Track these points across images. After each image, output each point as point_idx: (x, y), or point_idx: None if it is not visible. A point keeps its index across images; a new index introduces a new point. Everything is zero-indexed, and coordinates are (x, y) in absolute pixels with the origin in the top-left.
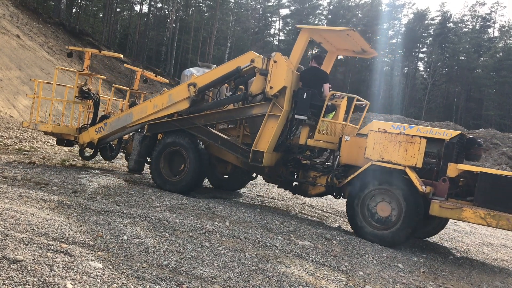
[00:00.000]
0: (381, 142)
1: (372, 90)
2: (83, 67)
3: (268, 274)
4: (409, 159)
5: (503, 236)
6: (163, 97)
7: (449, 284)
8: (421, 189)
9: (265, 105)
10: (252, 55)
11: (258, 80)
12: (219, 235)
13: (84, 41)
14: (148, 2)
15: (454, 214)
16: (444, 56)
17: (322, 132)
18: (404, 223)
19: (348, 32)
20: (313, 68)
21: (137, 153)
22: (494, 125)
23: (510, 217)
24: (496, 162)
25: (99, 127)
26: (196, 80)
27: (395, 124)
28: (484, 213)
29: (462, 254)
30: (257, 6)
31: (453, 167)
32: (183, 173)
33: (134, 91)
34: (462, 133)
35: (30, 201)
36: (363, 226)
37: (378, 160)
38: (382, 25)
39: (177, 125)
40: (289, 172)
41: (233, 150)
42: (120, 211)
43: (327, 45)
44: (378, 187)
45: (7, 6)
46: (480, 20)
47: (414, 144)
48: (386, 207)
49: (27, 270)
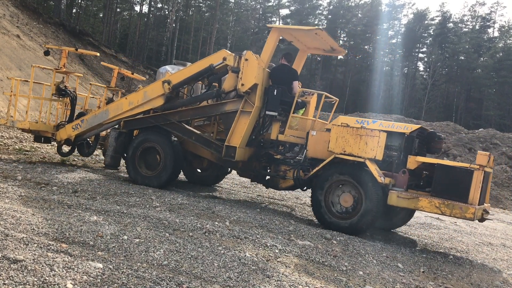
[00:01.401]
0: (343, 136)
1: (372, 90)
2: (60, 65)
3: (268, 274)
4: (369, 152)
5: (503, 236)
6: (138, 94)
7: (449, 284)
8: (380, 180)
9: (237, 102)
10: (224, 53)
11: (230, 77)
12: (219, 235)
13: (84, 41)
14: (148, 2)
15: (410, 204)
16: (444, 56)
17: (292, 128)
18: (365, 213)
19: (316, 31)
20: (283, 66)
21: (113, 149)
22: (494, 125)
23: (463, 206)
24: (496, 162)
25: (76, 124)
26: (171, 77)
27: (359, 119)
28: (439, 202)
29: (462, 254)
30: (257, 6)
31: (412, 160)
32: (158, 168)
33: (111, 88)
34: (422, 127)
35: (30, 201)
36: (327, 216)
37: (340, 153)
38: (382, 25)
39: (152, 122)
40: (262, 166)
41: (206, 146)
42: (120, 211)
43: (298, 44)
44: (340, 179)
45: (7, 6)
46: (480, 20)
47: (373, 138)
48: (348, 198)
49: (27, 270)
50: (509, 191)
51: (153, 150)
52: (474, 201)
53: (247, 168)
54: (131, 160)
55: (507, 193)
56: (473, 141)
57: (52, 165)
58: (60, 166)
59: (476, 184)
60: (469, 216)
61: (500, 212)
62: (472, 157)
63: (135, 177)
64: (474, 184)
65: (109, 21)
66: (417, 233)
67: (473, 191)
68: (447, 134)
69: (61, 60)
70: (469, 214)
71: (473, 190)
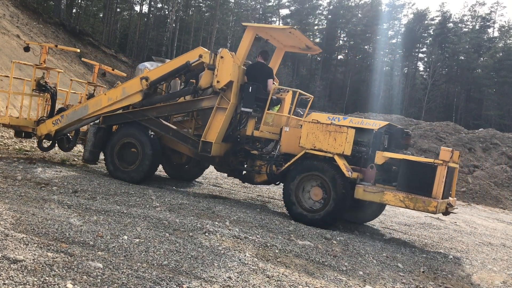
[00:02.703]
0: (314, 132)
1: (372, 90)
2: (40, 61)
3: (268, 274)
4: (338, 147)
5: (503, 236)
6: (117, 90)
7: (449, 284)
8: (348, 175)
9: (213, 98)
10: (200, 51)
11: (206, 74)
12: (219, 235)
13: (84, 41)
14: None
15: (376, 197)
16: (444, 56)
17: (267, 124)
18: (333, 206)
19: (290, 30)
20: (258, 64)
21: (91, 144)
22: (494, 125)
23: (426, 200)
24: (496, 162)
25: (56, 120)
26: (149, 74)
27: (331, 116)
28: (403, 196)
29: (462, 254)
30: (257, 6)
31: (380, 155)
32: (136, 163)
33: (92, 84)
34: (390, 124)
35: (30, 201)
36: (298, 210)
37: (311, 149)
38: (382, 25)
39: (131, 117)
40: (238, 161)
41: (183, 141)
42: (120, 211)
43: (274, 42)
44: (311, 174)
45: (7, 6)
46: (480, 20)
47: (342, 134)
48: (318, 192)
49: (27, 270)
50: (509, 191)
51: (132, 145)
52: (437, 195)
53: (224, 163)
54: (110, 155)
55: (507, 193)
56: (473, 141)
57: (52, 165)
58: (60, 166)
59: (440, 178)
60: (432, 209)
61: (500, 212)
62: (472, 157)
63: (113, 172)
64: (437, 178)
65: (109, 21)
66: (417, 233)
67: (436, 186)
68: (447, 134)
69: (41, 56)
70: (432, 207)
71: (436, 185)
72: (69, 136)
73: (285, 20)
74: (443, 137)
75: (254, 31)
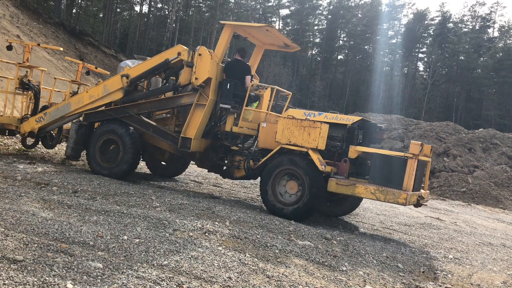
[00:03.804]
0: (289, 127)
1: (372, 90)
2: (24, 59)
3: (268, 274)
4: (311, 142)
5: (503, 236)
6: (99, 88)
7: (449, 284)
8: (321, 169)
9: (192, 95)
10: (179, 48)
11: (185, 71)
12: (219, 235)
13: (84, 41)
14: (148, 2)
15: (348, 190)
16: (444, 56)
17: (246, 120)
18: (308, 200)
19: (267, 28)
20: (236, 61)
21: (73, 141)
22: (494, 125)
23: (396, 192)
24: (496, 162)
25: (39, 117)
26: (129, 71)
27: (307, 112)
28: (374, 188)
29: (462, 254)
30: (257, 6)
31: (353, 149)
32: (118, 160)
33: (75, 82)
34: (363, 119)
35: (30, 201)
36: (274, 203)
37: (286, 144)
38: (382, 25)
39: (112, 114)
40: (219, 157)
41: (164, 137)
42: (120, 211)
43: (253, 40)
44: (286, 168)
45: (7, 7)
46: (480, 20)
47: (315, 129)
48: (293, 185)
49: (27, 270)
50: (509, 191)
51: (113, 141)
52: (408, 188)
53: (205, 159)
54: (92, 151)
55: (507, 193)
56: (473, 141)
57: (52, 165)
58: (60, 166)
59: (410, 171)
60: (401, 201)
61: (500, 212)
62: (472, 157)
63: (95, 168)
64: (408, 171)
65: (109, 21)
66: (417, 233)
67: (407, 178)
68: (447, 134)
69: (25, 55)
70: (401, 199)
71: (407, 177)
72: (53, 134)
73: (285, 20)
74: (443, 137)
75: (232, 29)
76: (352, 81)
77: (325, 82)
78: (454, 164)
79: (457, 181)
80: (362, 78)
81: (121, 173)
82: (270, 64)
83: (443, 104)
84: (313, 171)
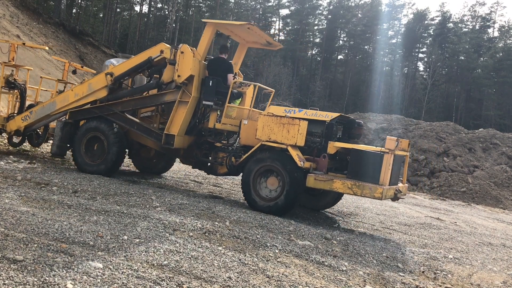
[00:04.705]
0: (269, 124)
1: (372, 90)
2: (9, 58)
3: (268, 274)
4: (291, 139)
5: (503, 236)
6: (84, 86)
7: (449, 284)
8: (300, 165)
9: (175, 92)
10: (162, 46)
11: (168, 69)
12: (219, 235)
13: (84, 41)
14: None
15: (326, 185)
16: (444, 56)
17: (229, 117)
18: (287, 195)
19: (248, 26)
20: (218, 58)
21: (59, 138)
22: (494, 125)
23: (372, 186)
24: (496, 162)
25: (25, 116)
26: (113, 69)
27: (287, 109)
28: (351, 183)
29: (462, 254)
30: (257, 6)
31: (331, 145)
32: (102, 157)
33: (62, 81)
34: (342, 115)
35: (30, 201)
36: (256, 199)
37: (266, 140)
38: (382, 25)
39: (97, 112)
40: (203, 154)
41: (148, 134)
42: (120, 211)
43: (236, 38)
44: (267, 164)
45: (7, 7)
46: (480, 20)
47: (294, 126)
48: (274, 181)
49: (27, 270)
50: (509, 191)
51: (98, 139)
52: (384, 182)
53: (189, 156)
54: (77, 149)
55: (507, 193)
56: (473, 141)
57: (52, 165)
58: (60, 166)
59: (386, 166)
60: (378, 195)
61: (500, 212)
62: (472, 157)
63: (81, 165)
64: (384, 166)
65: (109, 21)
66: (417, 233)
67: (383, 173)
68: (447, 134)
69: (10, 54)
70: (378, 193)
71: (383, 172)
72: (39, 132)
73: (285, 20)
74: (443, 137)
75: (214, 27)
76: (352, 81)
77: (325, 82)
78: (454, 164)
79: (457, 181)
80: (362, 78)
81: (106, 170)
82: (270, 64)
83: (443, 104)
84: (292, 167)
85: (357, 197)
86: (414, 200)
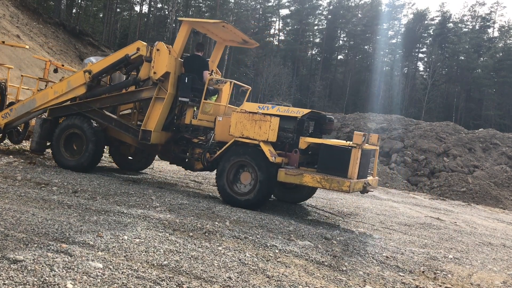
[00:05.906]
0: (241, 121)
1: (372, 90)
2: None
3: (268, 274)
4: (262, 135)
5: (503, 236)
6: (63, 84)
7: (449, 284)
8: (271, 160)
9: (152, 89)
10: (138, 44)
11: (145, 66)
12: (219, 235)
13: (84, 41)
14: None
15: (296, 179)
16: (443, 56)
17: (205, 113)
18: (260, 189)
19: (223, 24)
20: (194, 56)
21: (38, 135)
22: (494, 125)
23: (340, 180)
24: (496, 162)
25: (5, 113)
26: (91, 67)
27: (261, 105)
28: (320, 177)
29: (462, 254)
30: (257, 6)
31: (302, 140)
32: (81, 153)
33: (43, 80)
34: (313, 111)
35: (30, 201)
36: (230, 193)
37: (239, 137)
38: (382, 25)
39: (75, 109)
40: (180, 149)
41: (125, 130)
42: (120, 211)
43: (213, 36)
44: (240, 159)
45: (7, 7)
46: (480, 20)
47: (266, 122)
48: (247, 176)
49: (27, 270)
50: (509, 191)
51: (77, 135)
52: (352, 175)
53: (166, 151)
54: (56, 145)
55: (507, 193)
56: (473, 141)
57: (52, 165)
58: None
59: (354, 160)
60: (345, 189)
61: (500, 212)
62: (472, 157)
63: (60, 161)
64: (352, 160)
65: (109, 21)
66: (417, 233)
67: (351, 167)
68: (447, 134)
69: None
70: (345, 187)
71: (351, 166)
72: (19, 129)
73: (285, 20)
74: (443, 137)
75: (190, 25)
76: (352, 81)
77: (325, 82)
78: (454, 164)
79: (457, 181)
80: (362, 78)
81: (85, 166)
82: (270, 64)
83: (443, 104)
84: (264, 162)
85: (357, 197)
86: (414, 200)
